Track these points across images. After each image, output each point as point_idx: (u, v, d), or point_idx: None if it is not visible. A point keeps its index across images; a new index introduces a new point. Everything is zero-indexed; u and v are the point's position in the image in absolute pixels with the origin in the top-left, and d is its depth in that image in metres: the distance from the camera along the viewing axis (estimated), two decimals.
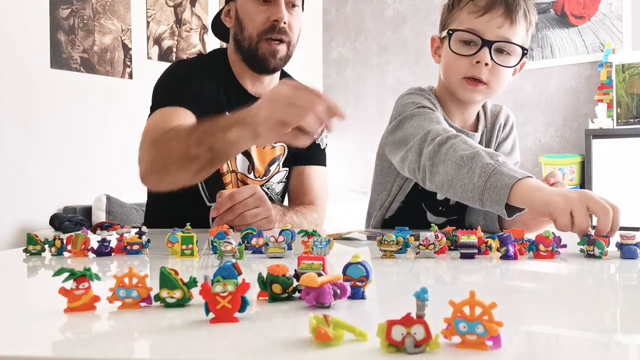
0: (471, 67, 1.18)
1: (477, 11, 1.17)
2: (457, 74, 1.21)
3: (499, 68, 1.18)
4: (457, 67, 1.20)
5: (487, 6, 1.17)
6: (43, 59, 3.34)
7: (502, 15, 1.16)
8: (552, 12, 3.95)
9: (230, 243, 0.79)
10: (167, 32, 4.02)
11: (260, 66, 1.45)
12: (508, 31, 1.17)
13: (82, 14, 3.52)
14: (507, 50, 1.18)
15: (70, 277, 0.53)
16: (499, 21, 1.16)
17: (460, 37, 1.19)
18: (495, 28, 1.16)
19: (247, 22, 1.43)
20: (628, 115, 3.47)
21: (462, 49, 1.19)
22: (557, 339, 0.47)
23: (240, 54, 1.47)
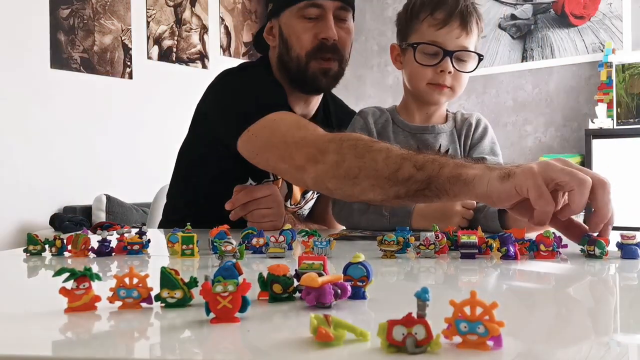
0: (435, 75, 1.30)
1: (437, 24, 1.28)
2: (422, 81, 1.32)
3: (459, 74, 1.31)
4: (423, 76, 1.31)
5: (445, 19, 1.28)
6: (43, 59, 3.34)
7: (459, 26, 1.28)
8: (552, 12, 3.95)
9: (231, 243, 0.79)
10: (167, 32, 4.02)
11: (311, 87, 1.38)
12: (465, 40, 1.29)
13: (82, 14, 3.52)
14: (466, 57, 1.31)
15: (70, 277, 0.53)
16: (457, 32, 1.28)
17: (424, 50, 1.30)
18: (454, 39, 1.28)
19: (294, 42, 1.34)
20: (628, 115, 3.47)
21: (426, 60, 1.30)
22: (557, 339, 0.47)
23: (287, 75, 1.38)
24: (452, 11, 1.29)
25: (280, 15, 1.36)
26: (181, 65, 4.05)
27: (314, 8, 1.31)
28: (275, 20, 1.38)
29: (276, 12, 1.37)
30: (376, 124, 1.38)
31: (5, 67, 3.17)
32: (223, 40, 4.46)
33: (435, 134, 1.38)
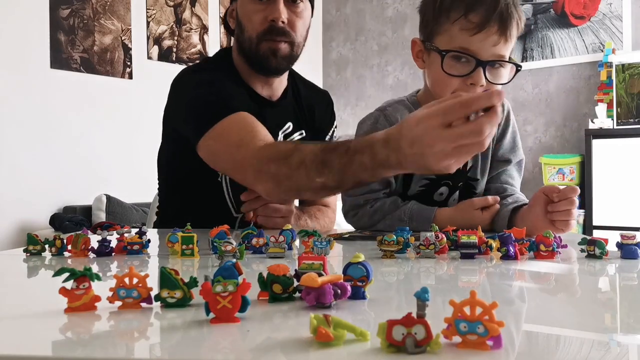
0: (465, 87, 1.13)
1: (472, 29, 1.10)
2: (448, 90, 1.15)
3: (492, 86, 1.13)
4: (449, 85, 1.15)
5: (481, 23, 1.10)
6: (43, 59, 3.34)
7: (497, 32, 1.10)
8: (552, 12, 3.95)
9: (231, 243, 0.79)
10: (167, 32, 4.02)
11: (263, 67, 1.42)
12: (502, 48, 1.12)
13: (82, 14, 3.52)
14: (501, 66, 1.14)
15: (70, 277, 0.53)
16: (494, 39, 1.10)
17: (452, 54, 1.13)
18: (490, 47, 1.11)
19: (247, 23, 1.39)
20: (628, 115, 3.47)
21: (455, 68, 1.13)
22: (557, 339, 0.47)
23: (243, 56, 1.43)
24: (490, 13, 1.10)
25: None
26: (181, 65, 4.05)
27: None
28: (235, 3, 1.44)
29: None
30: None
31: (5, 67, 3.17)
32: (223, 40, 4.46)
33: None
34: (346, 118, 4.76)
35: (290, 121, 1.50)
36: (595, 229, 3.36)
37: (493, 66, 1.12)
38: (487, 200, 1.21)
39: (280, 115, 1.48)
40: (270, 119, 1.41)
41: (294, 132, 1.51)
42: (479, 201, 1.21)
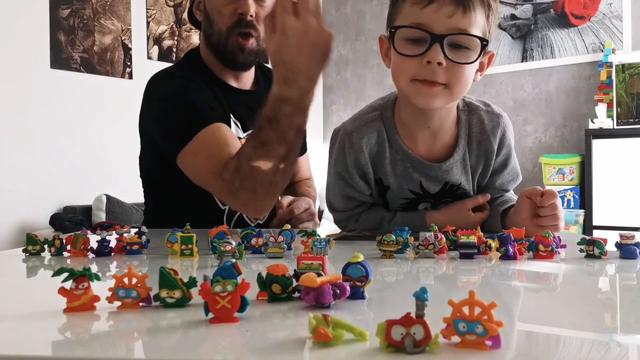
0: (421, 68, 0.99)
1: (421, 1, 0.98)
2: (405, 77, 1.02)
3: (456, 66, 0.99)
4: (405, 70, 1.02)
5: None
6: (43, 59, 3.34)
7: (451, 1, 0.97)
8: (552, 12, 3.95)
9: (230, 243, 0.79)
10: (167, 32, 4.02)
11: (230, 61, 1.43)
12: (461, 20, 0.98)
13: (82, 14, 3.52)
14: (464, 43, 0.99)
15: (69, 277, 0.53)
16: (449, 9, 0.97)
17: (405, 35, 1.00)
18: (445, 18, 0.97)
19: (215, 16, 1.40)
20: (628, 115, 3.47)
21: (408, 48, 1.00)
22: (557, 339, 0.47)
23: (211, 50, 1.44)
24: None
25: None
26: None
27: None
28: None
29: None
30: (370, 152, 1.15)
31: (5, 67, 3.17)
32: None
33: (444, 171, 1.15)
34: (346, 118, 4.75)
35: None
36: (595, 229, 3.36)
37: (455, 45, 0.99)
38: (477, 201, 1.19)
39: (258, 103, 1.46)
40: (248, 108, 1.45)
41: None
42: (470, 202, 1.18)
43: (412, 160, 1.14)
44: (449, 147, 1.16)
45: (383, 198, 1.22)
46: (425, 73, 0.99)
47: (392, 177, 1.16)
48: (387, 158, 1.15)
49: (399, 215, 1.20)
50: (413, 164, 1.14)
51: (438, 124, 1.12)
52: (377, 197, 1.22)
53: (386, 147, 1.14)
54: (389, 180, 1.17)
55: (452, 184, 1.17)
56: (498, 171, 1.20)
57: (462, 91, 1.05)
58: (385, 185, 1.18)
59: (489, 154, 1.16)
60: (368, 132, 1.14)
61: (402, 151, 1.14)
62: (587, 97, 3.80)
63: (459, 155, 1.15)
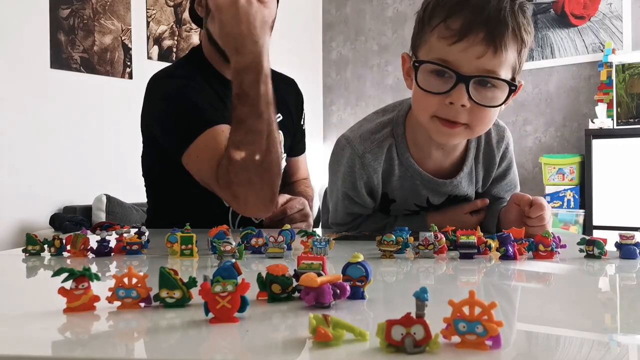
0: (444, 107, 0.95)
1: (451, 36, 0.91)
2: (426, 113, 0.97)
3: (481, 107, 0.94)
4: (426, 106, 0.97)
5: (462, 30, 0.91)
6: (43, 59, 3.34)
7: (482, 41, 0.90)
8: (552, 12, 3.95)
9: (230, 243, 0.79)
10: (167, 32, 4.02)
11: None
12: (491, 61, 0.91)
13: (82, 14, 3.52)
14: (491, 83, 0.94)
15: (69, 277, 0.53)
16: (479, 50, 0.91)
17: (429, 68, 0.95)
18: (474, 59, 0.91)
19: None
20: (628, 115, 3.47)
21: (431, 83, 0.95)
22: (557, 339, 0.47)
23: (214, 45, 1.44)
24: (473, 18, 0.90)
25: None
26: None
27: None
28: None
29: None
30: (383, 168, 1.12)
31: (5, 67, 3.17)
32: None
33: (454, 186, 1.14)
34: (346, 118, 4.76)
35: None
36: (595, 229, 3.36)
37: (481, 84, 0.93)
38: (475, 205, 1.20)
39: None
40: None
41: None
42: (468, 206, 1.19)
43: (422, 178, 1.12)
44: (458, 162, 1.15)
45: (386, 208, 1.21)
46: (448, 113, 0.95)
47: (399, 192, 1.16)
48: (395, 175, 1.13)
49: (399, 220, 1.20)
50: (423, 181, 1.13)
51: (452, 146, 1.12)
52: (379, 208, 1.22)
53: (395, 165, 1.12)
54: (395, 195, 1.17)
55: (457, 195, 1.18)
56: (496, 181, 1.21)
57: (484, 130, 1.02)
58: (391, 199, 1.18)
59: (490, 166, 1.18)
60: (381, 152, 1.10)
61: (413, 169, 1.12)
62: (587, 97, 3.80)
63: (467, 169, 1.15)
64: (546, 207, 1.04)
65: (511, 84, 0.94)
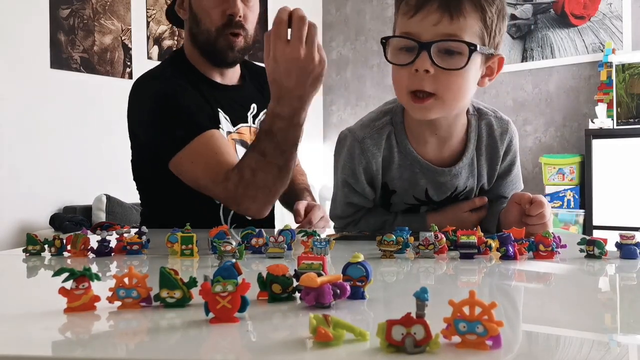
0: (412, 77, 0.98)
1: (409, 10, 0.98)
2: (401, 90, 1.02)
3: (445, 74, 0.97)
4: (399, 80, 1.01)
5: (418, 3, 0.97)
6: (43, 59, 3.34)
7: (437, 9, 0.96)
8: (552, 12, 3.95)
9: (230, 243, 0.79)
10: (167, 32, 4.02)
11: (219, 60, 1.46)
12: (449, 27, 0.96)
13: (82, 14, 3.52)
14: (455, 49, 0.97)
15: (70, 277, 0.53)
16: (435, 17, 0.96)
17: (396, 45, 1.01)
18: (431, 26, 0.96)
19: (204, 17, 1.42)
20: (628, 115, 3.47)
21: (400, 58, 1.00)
22: (557, 339, 0.47)
23: (198, 48, 1.46)
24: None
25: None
26: None
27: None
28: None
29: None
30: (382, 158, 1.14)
31: (5, 67, 3.17)
32: None
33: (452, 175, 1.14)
34: (346, 118, 4.76)
35: (254, 103, 1.56)
36: (595, 229, 3.36)
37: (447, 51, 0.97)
38: (474, 203, 1.19)
39: (244, 98, 1.55)
40: (235, 103, 1.50)
41: (259, 112, 1.57)
42: (467, 205, 1.19)
43: (421, 166, 1.13)
44: (458, 152, 1.15)
45: (387, 201, 1.21)
46: (416, 83, 0.99)
47: (399, 182, 1.16)
48: (395, 163, 1.14)
49: (399, 219, 1.19)
50: (422, 169, 1.13)
51: (446, 132, 1.12)
52: (379, 201, 1.21)
53: (395, 152, 1.14)
54: (394, 185, 1.17)
55: (457, 193, 1.17)
56: (501, 178, 1.20)
57: (457, 99, 1.02)
58: (391, 189, 1.18)
59: (494, 159, 1.17)
60: (380, 139, 1.13)
61: (412, 156, 1.13)
62: (587, 97, 3.80)
63: (467, 159, 1.14)
64: (546, 204, 1.05)
65: (470, 45, 0.97)
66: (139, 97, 1.44)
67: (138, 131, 1.47)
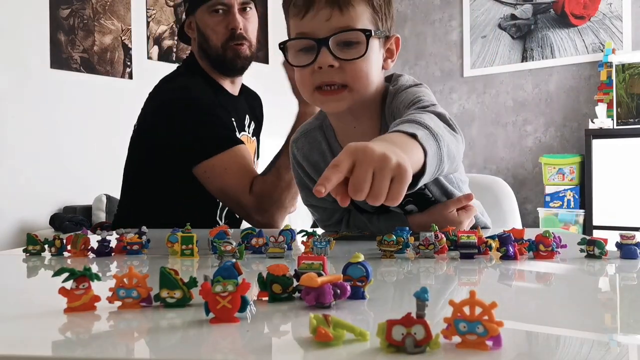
0: (317, 74, 1.00)
1: (299, 12, 1.00)
2: (307, 89, 1.03)
3: (349, 64, 0.98)
4: (304, 81, 1.02)
5: (306, 2, 0.99)
6: (43, 59, 3.33)
7: (325, 5, 0.97)
8: (552, 12, 3.95)
9: (230, 243, 0.79)
10: (167, 32, 4.02)
11: (230, 69, 1.61)
12: (341, 19, 0.98)
13: (82, 14, 3.52)
14: (353, 39, 0.98)
15: (70, 277, 0.53)
16: (326, 13, 0.97)
17: (296, 46, 1.02)
18: (324, 22, 0.98)
19: (210, 34, 1.58)
20: (628, 115, 3.47)
21: (301, 59, 1.01)
22: (557, 339, 0.47)
23: (209, 61, 1.61)
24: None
25: (195, 13, 1.60)
26: None
27: (221, 5, 1.57)
28: (192, 16, 1.62)
29: (192, 10, 1.61)
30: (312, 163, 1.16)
31: (5, 67, 3.17)
32: None
33: None
34: None
35: (247, 113, 1.71)
36: (595, 229, 3.36)
37: (346, 44, 0.98)
38: (459, 202, 1.16)
39: (242, 108, 1.70)
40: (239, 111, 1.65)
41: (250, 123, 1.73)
42: (452, 204, 1.15)
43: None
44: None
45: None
46: (322, 78, 1.00)
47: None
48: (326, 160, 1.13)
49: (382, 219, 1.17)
50: None
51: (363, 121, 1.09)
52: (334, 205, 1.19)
53: (327, 156, 1.14)
54: None
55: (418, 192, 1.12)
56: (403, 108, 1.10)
57: (366, 86, 1.02)
58: None
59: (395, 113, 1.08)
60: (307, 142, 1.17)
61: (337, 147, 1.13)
62: (587, 97, 3.80)
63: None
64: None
65: (365, 31, 0.98)
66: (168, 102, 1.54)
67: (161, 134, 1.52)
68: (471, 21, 4.26)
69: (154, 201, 1.57)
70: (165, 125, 1.52)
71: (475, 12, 4.25)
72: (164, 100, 1.55)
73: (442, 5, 4.38)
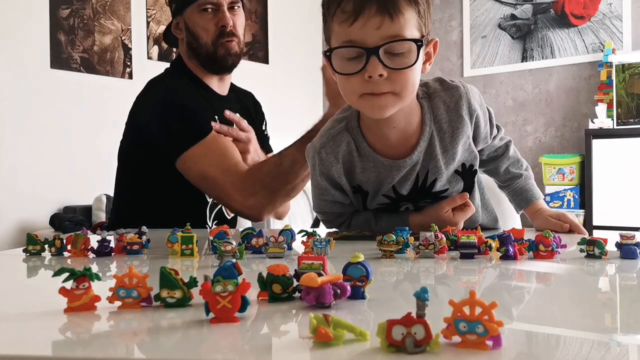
0: (365, 83, 0.98)
1: (348, 18, 0.97)
2: (353, 96, 1.01)
3: (397, 73, 0.98)
4: (350, 88, 1.00)
5: (355, 9, 0.96)
6: (43, 59, 3.33)
7: (376, 12, 0.95)
8: (552, 12, 3.95)
9: (230, 243, 0.79)
10: None
11: (220, 66, 1.62)
12: (391, 27, 0.96)
13: (82, 14, 3.52)
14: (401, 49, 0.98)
15: (70, 277, 0.53)
16: (376, 21, 0.95)
17: (342, 54, 0.99)
18: (374, 30, 0.95)
19: (200, 32, 1.59)
20: (628, 115, 3.47)
21: (348, 66, 0.99)
22: (557, 339, 0.47)
23: (198, 60, 1.61)
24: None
25: (184, 13, 1.61)
26: None
27: (210, 4, 1.58)
28: (180, 17, 1.63)
29: (180, 10, 1.62)
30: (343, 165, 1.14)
31: (5, 67, 3.17)
32: None
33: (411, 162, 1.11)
34: None
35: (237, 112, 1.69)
36: (595, 229, 3.36)
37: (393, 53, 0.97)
38: (455, 201, 1.16)
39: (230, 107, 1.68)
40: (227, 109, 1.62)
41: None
42: (447, 204, 1.16)
43: (382, 165, 1.12)
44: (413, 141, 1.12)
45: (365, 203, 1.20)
46: (371, 87, 0.98)
47: (367, 185, 1.16)
48: (358, 167, 1.13)
49: (383, 219, 1.18)
50: (384, 167, 1.12)
51: (402, 122, 1.10)
52: (357, 204, 1.21)
53: (355, 157, 1.13)
54: (366, 187, 1.16)
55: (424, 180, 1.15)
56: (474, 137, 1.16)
57: (412, 93, 1.03)
58: (365, 190, 1.17)
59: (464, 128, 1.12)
60: (336, 146, 1.14)
61: (372, 157, 1.12)
62: (587, 97, 3.80)
63: (425, 143, 1.11)
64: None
65: (417, 41, 0.98)
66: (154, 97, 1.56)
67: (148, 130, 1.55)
68: (471, 21, 4.26)
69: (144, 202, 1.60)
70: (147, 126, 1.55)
71: (475, 12, 4.25)
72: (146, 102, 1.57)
73: (442, 5, 4.38)
